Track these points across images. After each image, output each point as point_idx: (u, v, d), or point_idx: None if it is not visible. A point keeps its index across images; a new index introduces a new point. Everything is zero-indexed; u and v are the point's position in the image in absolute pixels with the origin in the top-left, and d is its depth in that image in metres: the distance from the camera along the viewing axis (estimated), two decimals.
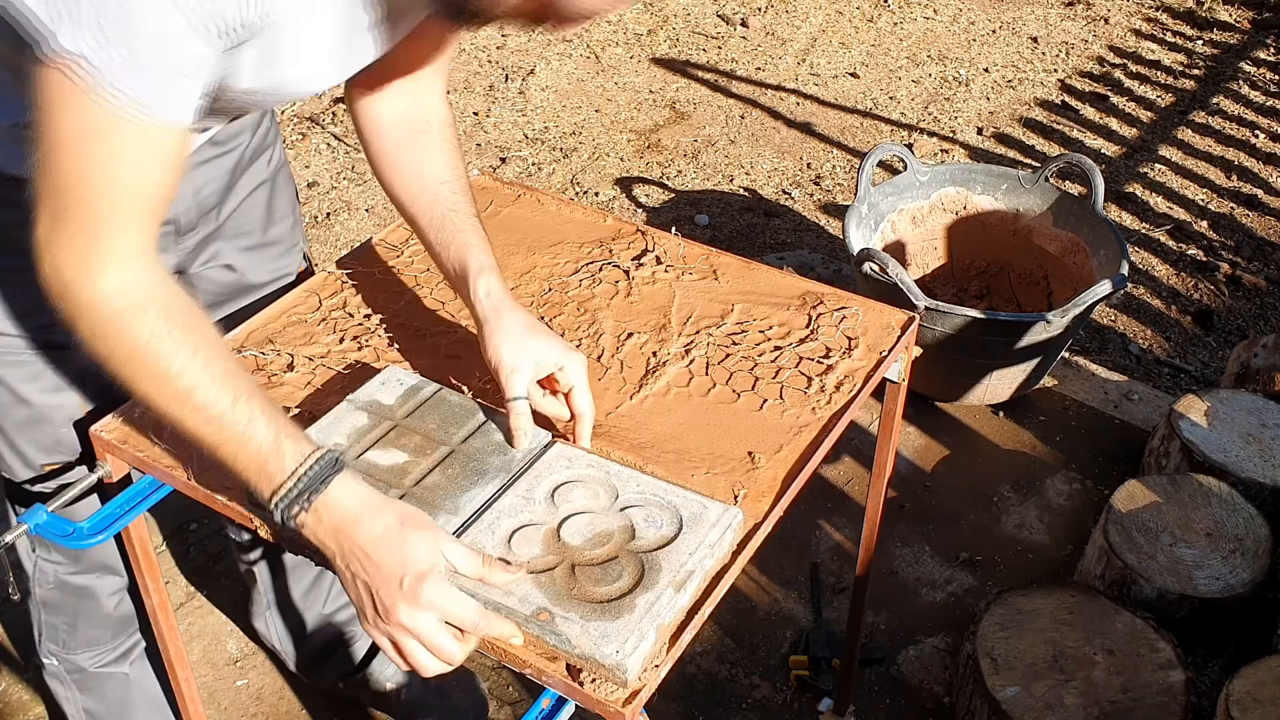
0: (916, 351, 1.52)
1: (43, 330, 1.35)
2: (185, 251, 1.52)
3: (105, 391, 1.25)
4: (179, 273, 1.55)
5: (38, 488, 1.47)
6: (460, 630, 1.06)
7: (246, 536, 1.89)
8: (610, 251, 1.61)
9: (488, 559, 1.09)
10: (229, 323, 1.53)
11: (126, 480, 1.34)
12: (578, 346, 1.44)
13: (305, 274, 1.70)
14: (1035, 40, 4.37)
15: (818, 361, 1.43)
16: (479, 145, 3.73)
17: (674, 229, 1.79)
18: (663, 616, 1.06)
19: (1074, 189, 3.41)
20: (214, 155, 1.47)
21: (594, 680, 1.04)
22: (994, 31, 4.42)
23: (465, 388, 1.36)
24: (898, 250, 2.90)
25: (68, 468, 1.46)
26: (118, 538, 1.41)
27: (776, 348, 1.45)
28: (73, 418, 1.42)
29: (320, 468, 1.07)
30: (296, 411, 1.33)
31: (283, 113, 3.82)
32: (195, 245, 1.53)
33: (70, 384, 1.41)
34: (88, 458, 1.39)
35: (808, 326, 1.48)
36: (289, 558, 1.92)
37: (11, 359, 1.37)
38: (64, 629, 1.69)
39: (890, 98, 4.02)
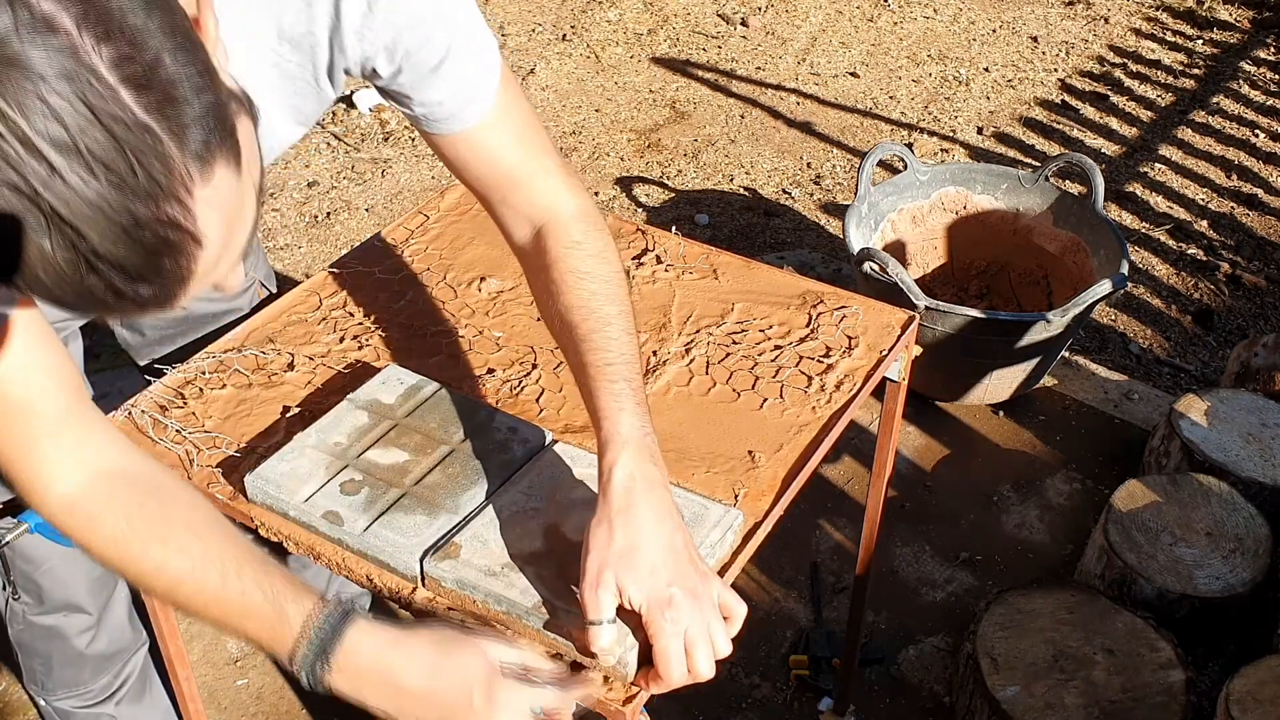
0: (916, 351, 1.51)
1: None
2: None
3: None
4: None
5: None
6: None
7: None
8: None
9: (531, 648, 1.04)
10: (185, 351, 1.51)
11: None
12: None
13: (266, 300, 1.69)
14: (1035, 40, 4.37)
15: (818, 361, 1.43)
16: None
17: (674, 228, 1.79)
18: None
19: (1074, 188, 3.41)
20: None
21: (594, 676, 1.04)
22: (994, 31, 4.42)
23: (465, 387, 1.36)
24: (898, 250, 2.90)
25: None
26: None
27: (776, 347, 1.45)
28: None
29: (329, 622, 0.99)
30: (296, 411, 1.34)
31: None
32: None
33: None
34: None
35: (808, 326, 1.48)
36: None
37: None
38: (40, 671, 1.68)
39: (890, 97, 4.02)
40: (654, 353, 1.44)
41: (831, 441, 1.32)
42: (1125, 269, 2.51)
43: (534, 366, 1.41)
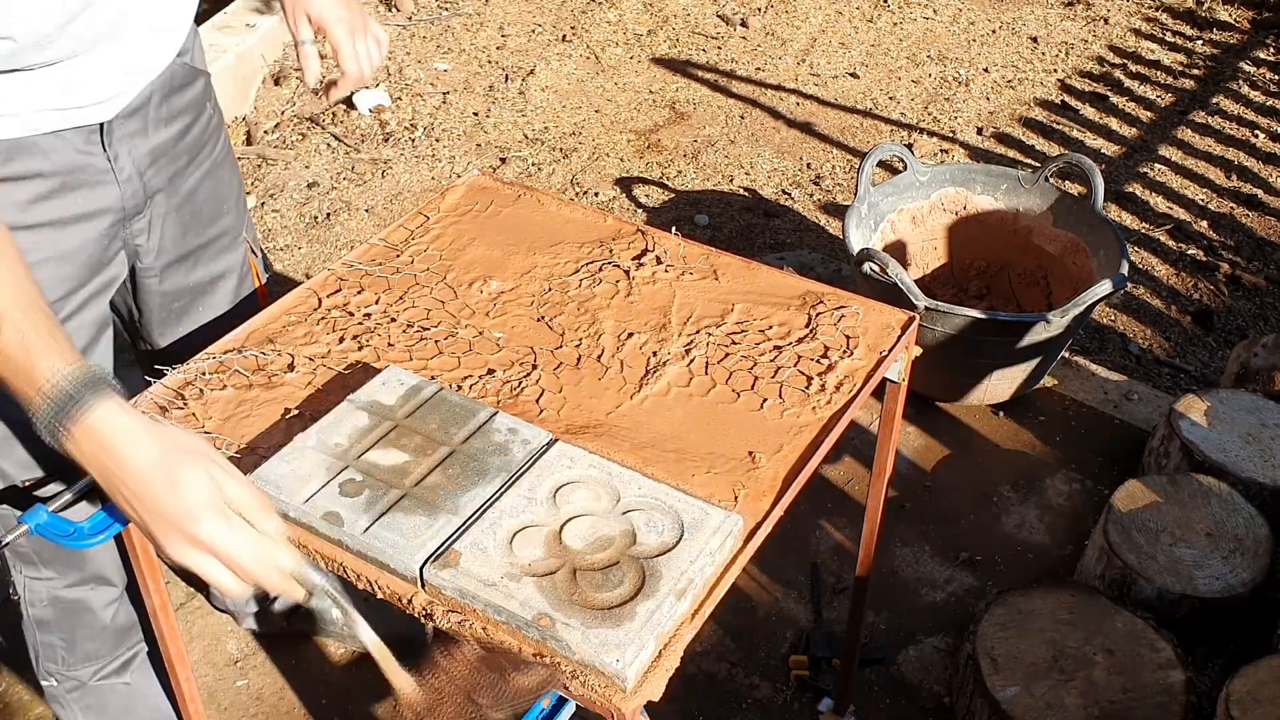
0: (916, 351, 1.52)
1: None
2: (134, 241, 1.50)
3: None
4: (131, 280, 1.53)
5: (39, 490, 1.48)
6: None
7: None
8: (610, 251, 1.61)
9: (264, 497, 1.06)
10: (190, 341, 1.51)
11: None
12: (577, 346, 1.44)
13: (262, 275, 1.72)
14: (1035, 40, 4.37)
15: (818, 361, 1.43)
16: (479, 145, 3.73)
17: (674, 229, 1.79)
18: (663, 625, 1.06)
19: (1074, 189, 3.41)
20: (160, 126, 1.45)
21: (593, 685, 1.04)
22: (994, 31, 4.42)
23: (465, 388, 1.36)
24: (898, 250, 2.90)
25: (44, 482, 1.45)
26: (118, 540, 1.41)
27: (776, 347, 1.45)
28: None
29: (74, 388, 1.02)
30: (296, 412, 1.34)
31: (282, 113, 3.82)
32: (144, 230, 1.51)
33: None
34: None
35: (807, 326, 1.48)
36: None
37: None
38: (61, 646, 1.68)
39: (890, 98, 4.02)
40: (654, 353, 1.44)
41: (832, 442, 1.32)
42: (1125, 269, 2.51)
43: (534, 367, 1.41)
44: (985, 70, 4.18)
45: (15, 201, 1.31)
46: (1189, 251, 3.32)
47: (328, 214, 3.42)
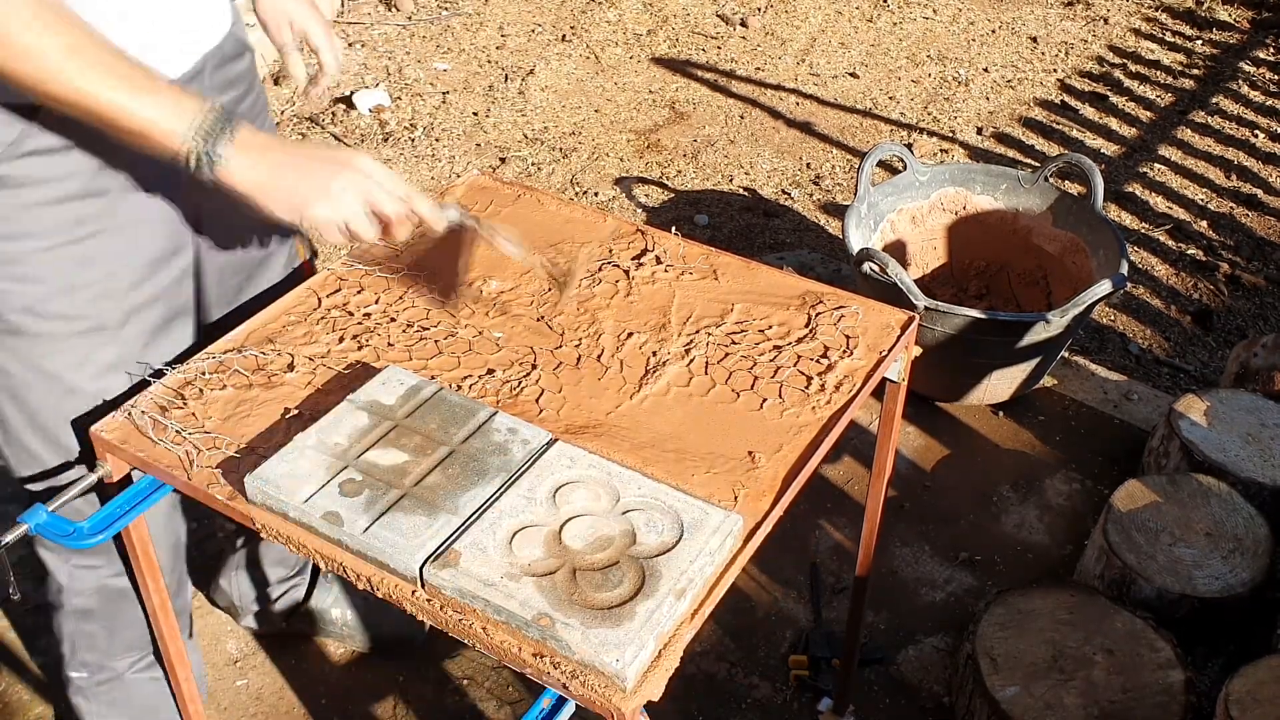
0: (916, 351, 1.52)
1: (84, 311, 1.36)
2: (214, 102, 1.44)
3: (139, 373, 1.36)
4: (195, 226, 1.52)
5: (36, 486, 1.48)
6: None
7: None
8: (610, 251, 1.61)
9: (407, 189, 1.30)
10: (245, 312, 1.52)
11: (126, 480, 1.34)
12: (577, 346, 1.44)
13: (305, 251, 1.77)
14: (1035, 40, 4.37)
15: (817, 361, 1.43)
16: (479, 145, 3.73)
17: (674, 229, 1.79)
18: (663, 625, 1.06)
19: (1074, 189, 3.41)
20: (214, 94, 1.46)
21: (593, 685, 1.04)
22: (993, 31, 4.42)
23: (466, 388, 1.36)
24: (897, 250, 2.90)
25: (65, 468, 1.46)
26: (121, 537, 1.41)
27: (776, 347, 1.45)
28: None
29: (225, 108, 1.20)
30: (296, 412, 1.34)
31: (281, 112, 3.82)
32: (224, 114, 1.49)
33: (115, 367, 1.41)
34: (87, 457, 1.39)
35: (807, 326, 1.48)
36: None
37: (58, 348, 1.37)
38: (102, 635, 1.67)
39: (890, 98, 4.02)
40: (654, 353, 1.44)
41: (831, 442, 1.32)
42: (1125, 269, 2.51)
43: (534, 367, 1.41)
44: (985, 70, 4.19)
45: (101, 166, 1.33)
46: (1189, 251, 3.32)
47: None
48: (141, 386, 1.38)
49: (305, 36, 1.65)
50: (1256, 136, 3.83)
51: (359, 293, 1.52)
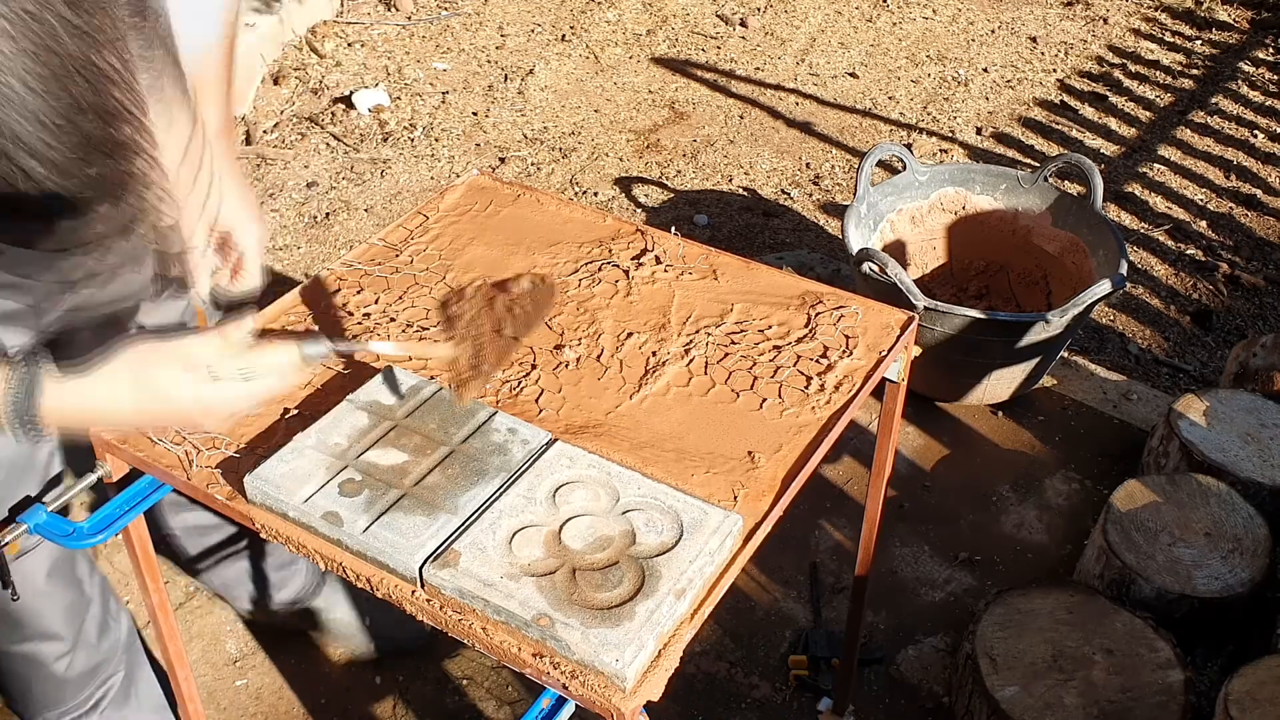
0: (916, 351, 1.52)
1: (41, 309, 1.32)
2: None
3: None
4: None
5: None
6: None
7: None
8: (610, 251, 1.61)
9: (218, 333, 1.11)
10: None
11: (126, 480, 1.34)
12: (577, 346, 1.44)
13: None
14: (1034, 40, 4.37)
15: (817, 361, 1.43)
16: (478, 145, 3.73)
17: (673, 229, 1.79)
18: (663, 625, 1.06)
19: (1073, 189, 3.41)
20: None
21: (593, 685, 1.04)
22: (993, 31, 4.42)
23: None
24: (897, 250, 2.90)
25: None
26: (125, 535, 1.41)
27: (776, 347, 1.45)
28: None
29: (21, 386, 1.02)
30: (296, 412, 1.34)
31: (281, 112, 3.82)
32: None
33: None
34: (88, 457, 1.39)
35: (807, 326, 1.48)
36: None
37: None
38: (17, 697, 1.67)
39: (889, 98, 4.02)
40: (654, 353, 1.44)
41: (831, 442, 1.32)
42: (1124, 269, 2.51)
43: (534, 366, 1.41)
44: (984, 70, 4.19)
45: None
46: (1188, 251, 3.32)
47: (327, 214, 3.41)
48: None
49: (238, 243, 1.45)
50: (1256, 136, 3.83)
51: (359, 293, 1.52)
